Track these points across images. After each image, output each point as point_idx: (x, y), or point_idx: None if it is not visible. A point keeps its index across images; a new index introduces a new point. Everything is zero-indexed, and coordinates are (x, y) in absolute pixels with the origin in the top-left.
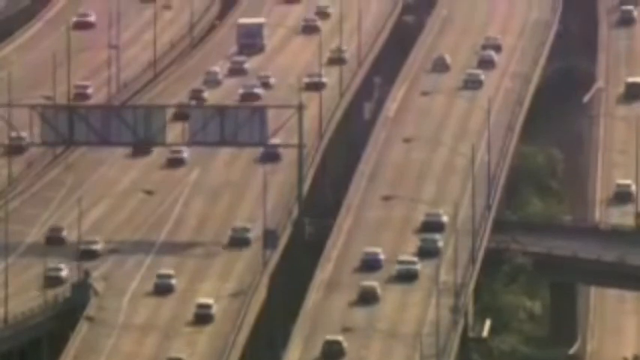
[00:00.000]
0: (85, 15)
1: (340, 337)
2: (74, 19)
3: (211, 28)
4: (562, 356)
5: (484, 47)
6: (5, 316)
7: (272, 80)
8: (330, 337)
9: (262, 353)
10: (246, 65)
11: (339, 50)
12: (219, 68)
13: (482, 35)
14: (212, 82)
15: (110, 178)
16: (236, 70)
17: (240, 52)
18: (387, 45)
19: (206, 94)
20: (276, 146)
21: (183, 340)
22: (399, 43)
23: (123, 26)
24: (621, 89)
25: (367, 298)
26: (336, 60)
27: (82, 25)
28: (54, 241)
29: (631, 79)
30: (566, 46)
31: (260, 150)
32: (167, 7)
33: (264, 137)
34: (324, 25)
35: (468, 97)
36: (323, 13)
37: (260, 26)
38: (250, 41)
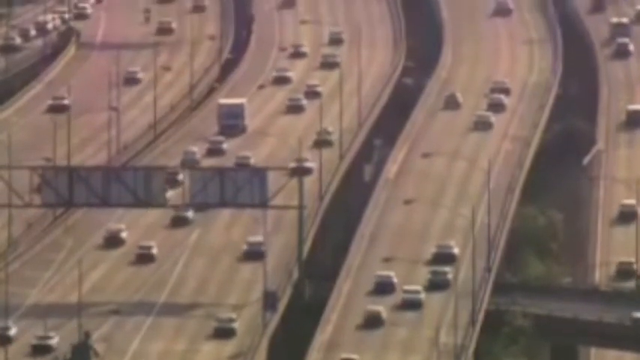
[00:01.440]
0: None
1: None
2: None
3: (211, 90)
4: None
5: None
6: None
7: (252, 162)
8: None
9: None
10: (225, 146)
11: (326, 132)
12: (197, 148)
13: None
14: (190, 161)
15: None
16: (214, 151)
17: (221, 134)
18: (387, 107)
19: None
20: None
21: None
22: (399, 105)
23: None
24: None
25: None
26: (322, 143)
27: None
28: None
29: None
30: (566, 108)
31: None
32: (167, 69)
33: (265, 199)
34: (310, 106)
35: (470, 160)
36: (312, 93)
37: (241, 107)
38: (232, 122)
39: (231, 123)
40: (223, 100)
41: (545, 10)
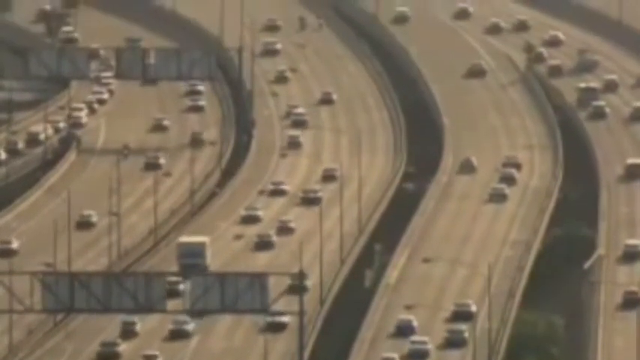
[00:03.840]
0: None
1: None
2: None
3: (212, 195)
4: None
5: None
6: None
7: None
8: None
9: None
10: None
11: (301, 275)
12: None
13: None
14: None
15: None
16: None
17: (180, 274)
18: (388, 212)
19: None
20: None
21: None
22: (400, 210)
23: (124, 194)
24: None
25: None
26: (295, 288)
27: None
28: None
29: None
30: (566, 213)
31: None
32: (167, 174)
33: (265, 304)
34: (281, 241)
35: (470, 265)
36: (285, 228)
37: (202, 245)
38: (192, 262)
39: (192, 263)
40: (184, 239)
41: (546, 116)
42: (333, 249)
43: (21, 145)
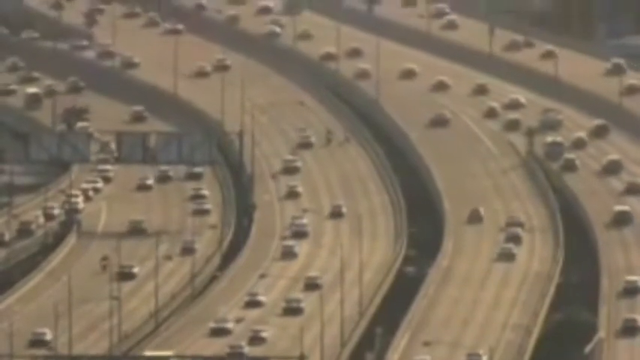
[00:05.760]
0: None
1: None
2: None
3: (212, 279)
4: None
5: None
6: None
7: None
8: None
9: None
10: None
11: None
12: None
13: (485, 283)
14: None
15: None
16: None
17: None
18: (389, 295)
19: None
20: None
21: None
22: (401, 293)
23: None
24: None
25: None
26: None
27: None
28: None
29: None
30: (567, 297)
31: None
32: (168, 257)
33: None
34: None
35: (471, 349)
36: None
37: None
38: None
39: None
40: (149, 353)
41: (546, 199)
42: (334, 332)
43: (8, 236)
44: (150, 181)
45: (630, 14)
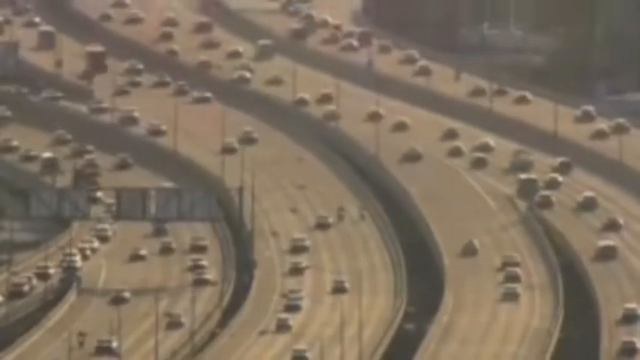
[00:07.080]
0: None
1: None
2: None
3: (212, 336)
4: None
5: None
6: None
7: None
8: None
9: None
10: None
11: None
12: None
13: (483, 344)
14: None
15: None
16: None
17: None
18: (389, 352)
19: None
20: None
21: None
22: (401, 350)
23: (124, 334)
24: None
25: None
26: None
27: None
28: None
29: None
30: (567, 353)
31: None
32: (168, 315)
33: None
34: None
35: None
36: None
37: None
38: None
39: None
40: None
41: (546, 257)
42: None
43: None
44: (143, 252)
45: (631, 72)
